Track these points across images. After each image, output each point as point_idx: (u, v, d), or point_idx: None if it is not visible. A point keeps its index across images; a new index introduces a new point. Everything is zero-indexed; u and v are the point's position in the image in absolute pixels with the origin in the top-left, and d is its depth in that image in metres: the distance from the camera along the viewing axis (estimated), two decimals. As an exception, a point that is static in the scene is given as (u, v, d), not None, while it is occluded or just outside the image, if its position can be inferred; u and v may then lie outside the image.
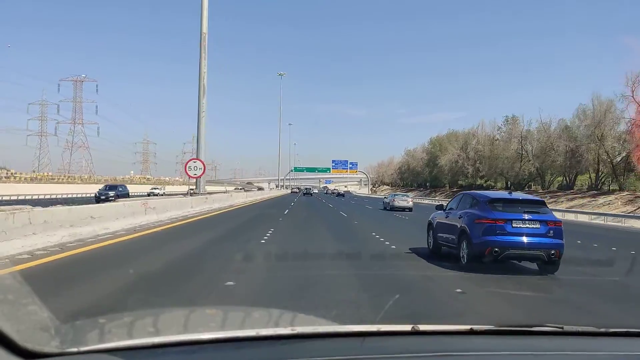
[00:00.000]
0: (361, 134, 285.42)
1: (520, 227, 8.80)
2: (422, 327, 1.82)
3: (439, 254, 10.59)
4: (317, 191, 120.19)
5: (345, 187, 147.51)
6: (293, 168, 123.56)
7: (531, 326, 1.93)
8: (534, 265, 9.29)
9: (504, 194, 11.29)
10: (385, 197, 43.30)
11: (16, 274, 1.83)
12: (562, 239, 8.97)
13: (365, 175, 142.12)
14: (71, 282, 6.74)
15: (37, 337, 1.52)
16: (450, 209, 10.77)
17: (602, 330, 1.97)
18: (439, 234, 10.79)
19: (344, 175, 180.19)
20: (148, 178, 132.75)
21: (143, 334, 1.84)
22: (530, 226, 8.84)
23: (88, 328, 1.92)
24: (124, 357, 1.48)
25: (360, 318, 5.48)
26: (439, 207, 11.87)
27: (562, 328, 1.91)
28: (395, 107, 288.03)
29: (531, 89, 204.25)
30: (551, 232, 8.90)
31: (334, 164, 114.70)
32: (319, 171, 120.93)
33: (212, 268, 8.21)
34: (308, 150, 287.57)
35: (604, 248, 14.68)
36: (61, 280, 6.77)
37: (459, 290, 7.16)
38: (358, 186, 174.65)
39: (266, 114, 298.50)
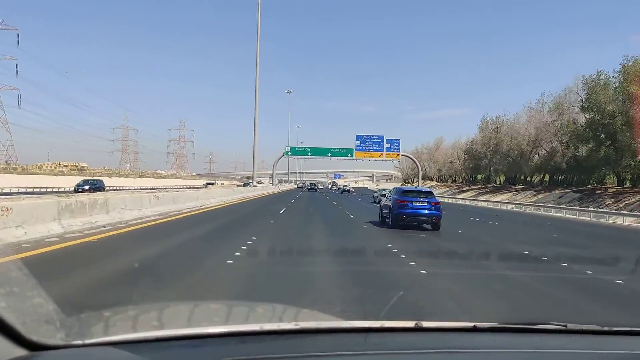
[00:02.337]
0: (370, 131, 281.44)
1: (416, 204, 16.04)
2: (425, 324, 1.82)
3: (383, 222, 17.41)
4: (322, 187, 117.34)
5: (356, 182, 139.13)
6: (289, 149, 73.16)
7: (535, 324, 1.93)
8: (429, 227, 16.01)
9: (412, 187, 20.87)
10: (374, 193, 46.39)
11: (22, 267, 1.84)
12: (439, 212, 15.96)
13: (408, 162, 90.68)
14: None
15: (42, 330, 1.53)
16: (389, 197, 17.85)
17: (606, 328, 1.96)
18: (383, 211, 18.16)
19: (360, 170, 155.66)
20: (82, 167, 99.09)
21: (148, 327, 1.85)
22: (421, 204, 16.06)
23: (93, 321, 1.93)
24: (128, 350, 1.49)
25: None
26: (383, 195, 20.99)
27: (566, 326, 1.91)
28: (402, 103, 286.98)
29: (534, 84, 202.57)
30: (433, 207, 15.97)
31: (359, 143, 68.58)
32: (333, 154, 71.72)
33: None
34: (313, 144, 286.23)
35: None
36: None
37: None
38: (370, 182, 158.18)
39: (273, 107, 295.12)
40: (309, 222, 18.17)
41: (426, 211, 15.99)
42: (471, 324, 1.89)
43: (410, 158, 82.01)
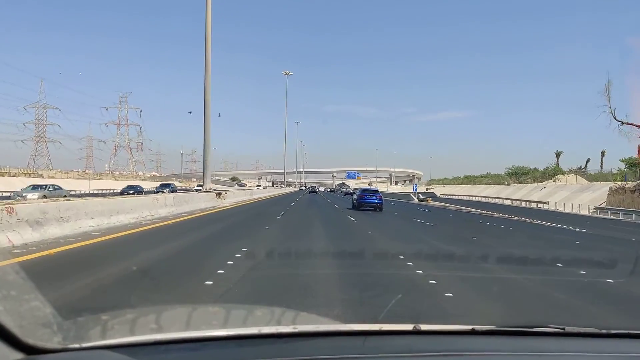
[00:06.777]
0: (371, 133, 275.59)
1: (369, 197, 29.13)
2: (424, 327, 1.82)
3: (354, 208, 29.05)
4: (322, 189, 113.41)
5: (369, 184, 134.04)
6: None
7: (533, 327, 1.93)
8: (377, 210, 28.02)
9: (368, 187, 46.05)
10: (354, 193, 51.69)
11: (19, 270, 1.83)
12: (381, 200, 29.18)
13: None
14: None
15: (39, 333, 1.53)
16: (356, 192, 32.02)
17: (604, 331, 1.96)
18: (353, 202, 31.04)
19: (376, 169, 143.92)
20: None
21: (145, 330, 1.84)
22: (371, 197, 29.13)
23: (90, 324, 1.92)
24: (126, 354, 1.48)
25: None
26: (353, 193, 40.32)
27: (564, 329, 1.91)
28: (403, 105, 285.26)
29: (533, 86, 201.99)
30: (378, 198, 28.83)
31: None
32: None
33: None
34: (316, 148, 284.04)
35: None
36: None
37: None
38: (387, 183, 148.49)
39: (267, 110, 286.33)
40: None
41: (375, 200, 28.60)
42: (469, 327, 1.89)
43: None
